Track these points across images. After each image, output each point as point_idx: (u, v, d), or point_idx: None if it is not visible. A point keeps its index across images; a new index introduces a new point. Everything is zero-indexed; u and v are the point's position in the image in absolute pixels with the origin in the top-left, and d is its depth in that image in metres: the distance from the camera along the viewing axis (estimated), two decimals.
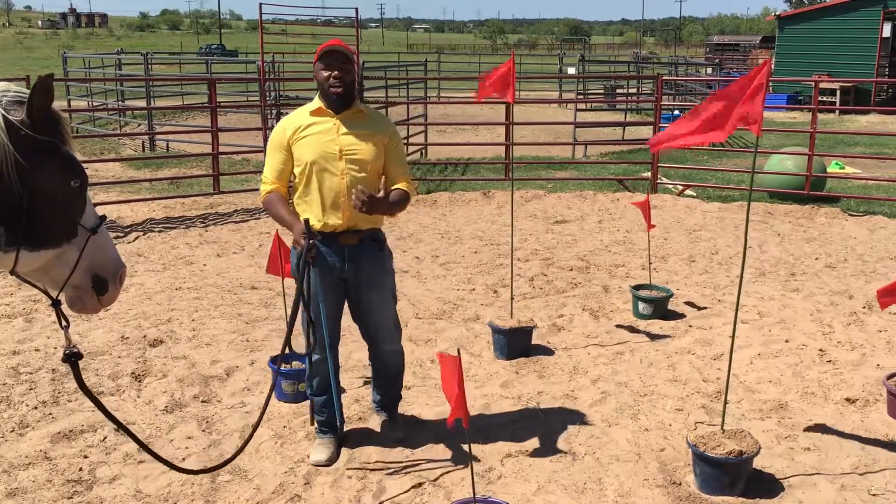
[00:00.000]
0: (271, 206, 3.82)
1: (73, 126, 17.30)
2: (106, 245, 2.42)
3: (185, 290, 6.85)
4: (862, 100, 24.72)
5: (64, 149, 2.25)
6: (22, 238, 2.19)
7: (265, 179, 3.87)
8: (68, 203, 2.27)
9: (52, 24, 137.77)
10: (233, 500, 3.70)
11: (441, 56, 35.75)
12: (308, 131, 3.78)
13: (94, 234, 2.35)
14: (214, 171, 10.46)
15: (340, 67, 3.70)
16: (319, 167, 3.74)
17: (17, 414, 4.51)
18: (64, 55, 21.25)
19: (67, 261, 2.32)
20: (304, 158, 3.76)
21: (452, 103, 19.57)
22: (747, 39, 49.53)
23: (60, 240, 2.27)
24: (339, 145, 3.75)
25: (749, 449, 3.69)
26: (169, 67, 31.39)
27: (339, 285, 3.93)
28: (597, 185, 11.50)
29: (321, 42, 3.98)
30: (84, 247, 2.32)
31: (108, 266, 2.41)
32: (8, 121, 2.11)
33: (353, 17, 12.33)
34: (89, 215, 2.35)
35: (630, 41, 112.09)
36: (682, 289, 6.85)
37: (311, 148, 3.75)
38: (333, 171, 3.74)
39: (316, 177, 3.75)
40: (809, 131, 10.53)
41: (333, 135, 3.76)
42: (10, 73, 30.92)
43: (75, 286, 2.37)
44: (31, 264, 2.28)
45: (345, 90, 3.74)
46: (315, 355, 3.99)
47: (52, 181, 2.21)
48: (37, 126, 2.15)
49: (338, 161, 3.74)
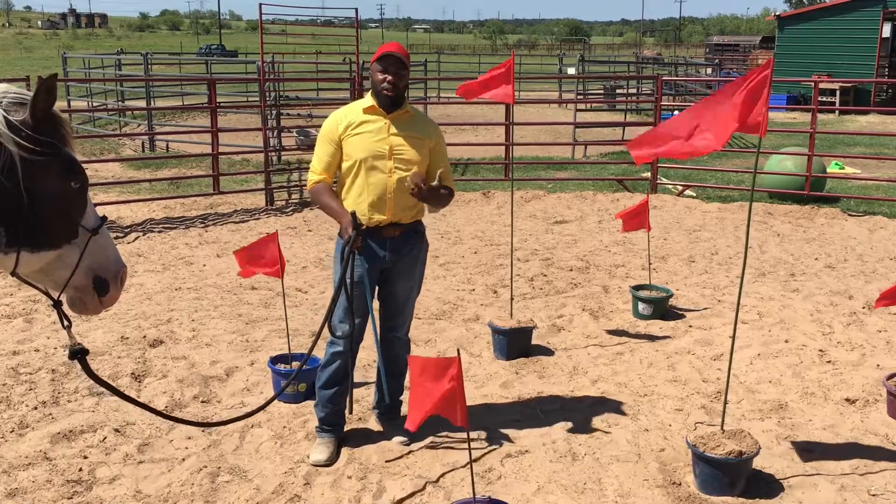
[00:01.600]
0: (319, 196, 3.97)
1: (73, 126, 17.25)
2: (107, 246, 2.41)
3: (184, 290, 6.84)
4: (862, 100, 24.72)
5: (65, 150, 2.25)
6: (22, 239, 2.18)
7: (313, 169, 4.01)
8: (69, 204, 2.26)
9: (52, 25, 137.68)
10: (233, 500, 3.70)
11: (441, 56, 35.75)
12: (361, 129, 3.92)
13: (95, 234, 2.34)
14: (214, 172, 10.46)
15: (395, 73, 3.87)
16: (369, 164, 3.89)
17: (17, 414, 4.51)
18: (64, 55, 21.25)
19: (68, 262, 2.31)
20: (355, 155, 3.91)
21: (452, 103, 19.56)
22: (747, 40, 49.55)
23: (61, 241, 2.27)
24: (389, 144, 3.91)
25: (749, 449, 3.69)
26: (169, 68, 31.37)
27: (375, 277, 4.07)
28: (597, 186, 11.51)
29: (321, 42, 4.04)
30: (85, 248, 2.32)
31: (109, 267, 2.41)
32: (9, 122, 2.11)
33: (353, 18, 12.34)
34: (90, 216, 2.35)
35: (630, 41, 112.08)
36: (682, 289, 6.85)
37: (362, 145, 3.90)
38: (382, 169, 3.90)
39: (365, 173, 3.90)
40: (809, 131, 10.53)
41: (384, 134, 3.92)
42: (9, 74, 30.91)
43: (76, 287, 2.37)
44: (32, 265, 2.28)
45: (396, 94, 3.90)
46: (337, 346, 4.05)
47: (53, 182, 2.20)
48: (38, 127, 2.15)
49: (387, 160, 3.90)
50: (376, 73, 3.89)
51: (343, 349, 4.05)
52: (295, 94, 19.08)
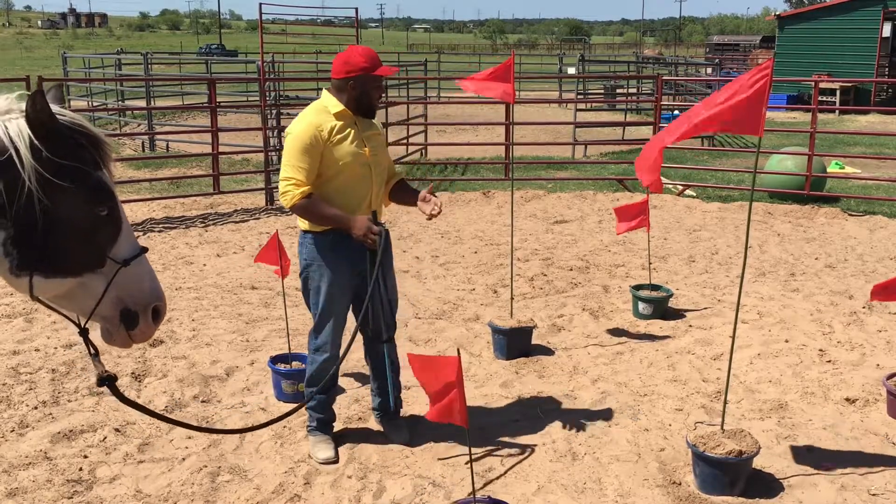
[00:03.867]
0: (315, 207, 3.79)
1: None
2: (142, 277, 2.24)
3: (185, 290, 6.85)
4: (862, 100, 24.72)
5: (95, 174, 2.12)
6: (35, 263, 2.08)
7: (297, 182, 3.76)
8: (92, 231, 2.13)
9: (52, 24, 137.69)
10: (233, 500, 3.70)
11: (441, 56, 35.77)
12: (341, 134, 3.87)
13: (125, 266, 2.19)
14: (214, 171, 10.46)
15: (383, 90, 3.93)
16: (350, 168, 3.86)
17: (17, 414, 4.51)
18: (64, 55, 21.24)
19: (92, 291, 2.17)
20: (341, 160, 3.83)
21: (452, 103, 19.60)
22: (747, 39, 49.53)
23: (81, 269, 2.14)
24: (368, 146, 3.92)
25: (749, 449, 3.69)
26: (169, 67, 31.35)
27: (355, 283, 4.02)
28: (597, 185, 11.51)
29: (321, 42, 4.05)
30: (112, 278, 2.17)
31: (140, 299, 2.24)
32: (33, 142, 2.01)
33: (353, 17, 12.33)
34: (123, 245, 2.20)
35: (630, 41, 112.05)
36: (682, 289, 6.85)
37: (347, 150, 3.85)
38: (363, 172, 3.90)
39: (346, 176, 3.86)
40: (809, 131, 10.53)
41: (359, 137, 3.91)
42: (9, 73, 30.91)
43: (103, 317, 2.23)
44: (49, 291, 2.16)
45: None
46: (325, 354, 4.05)
47: (74, 207, 2.09)
48: (58, 148, 2.04)
49: (367, 162, 3.91)
50: (372, 88, 3.87)
51: (331, 355, 4.06)
52: (295, 93, 19.10)
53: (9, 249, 2.07)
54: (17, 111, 2.07)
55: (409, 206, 4.11)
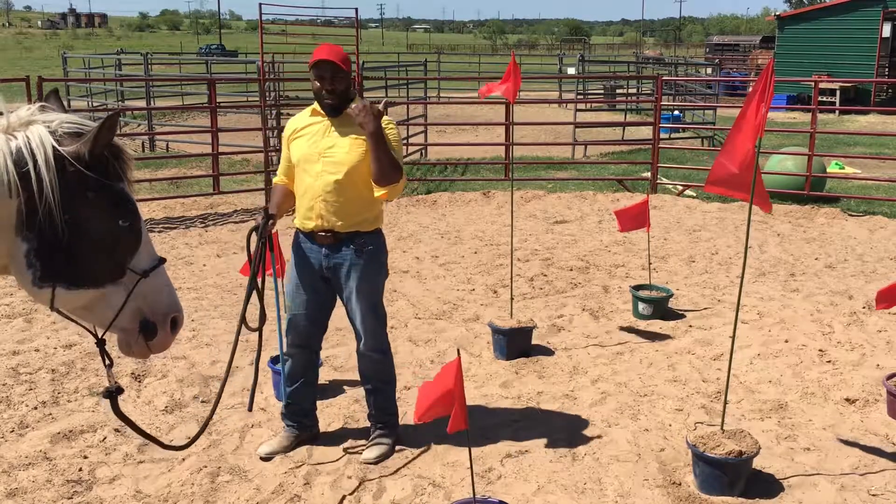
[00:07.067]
0: (272, 195, 4.12)
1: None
2: (160, 288, 2.27)
3: (184, 290, 6.84)
4: (862, 100, 24.71)
5: (117, 186, 2.14)
6: (58, 275, 2.08)
7: (277, 172, 4.12)
8: (114, 243, 2.14)
9: (52, 25, 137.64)
10: (233, 500, 3.70)
11: (441, 56, 35.69)
12: (304, 132, 3.90)
13: (145, 277, 2.21)
14: (214, 172, 10.46)
15: (332, 78, 3.72)
16: (301, 168, 3.87)
17: (17, 414, 4.51)
18: (63, 55, 21.26)
19: (112, 302, 2.19)
20: (293, 158, 3.92)
21: (452, 103, 19.58)
22: (747, 39, 49.50)
23: (102, 280, 2.15)
24: (319, 148, 3.81)
25: (749, 449, 3.69)
26: (169, 68, 31.35)
27: (318, 284, 4.00)
28: (597, 186, 11.50)
29: (321, 42, 3.99)
30: (132, 289, 2.19)
31: (159, 310, 2.26)
32: (57, 153, 2.01)
33: (353, 18, 12.33)
34: (143, 256, 2.22)
35: (630, 41, 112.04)
36: (682, 289, 6.85)
37: (299, 148, 3.88)
38: (310, 172, 3.83)
39: (299, 177, 3.90)
40: (809, 131, 10.53)
41: (320, 137, 3.83)
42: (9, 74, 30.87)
43: (122, 328, 2.24)
44: (71, 303, 2.16)
45: (336, 100, 3.77)
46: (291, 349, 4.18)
47: (97, 219, 2.10)
48: (92, 161, 2.05)
49: (315, 163, 3.81)
50: (314, 80, 3.75)
51: (292, 347, 4.15)
52: (295, 93, 19.09)
53: (32, 261, 2.08)
54: (40, 122, 2.07)
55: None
